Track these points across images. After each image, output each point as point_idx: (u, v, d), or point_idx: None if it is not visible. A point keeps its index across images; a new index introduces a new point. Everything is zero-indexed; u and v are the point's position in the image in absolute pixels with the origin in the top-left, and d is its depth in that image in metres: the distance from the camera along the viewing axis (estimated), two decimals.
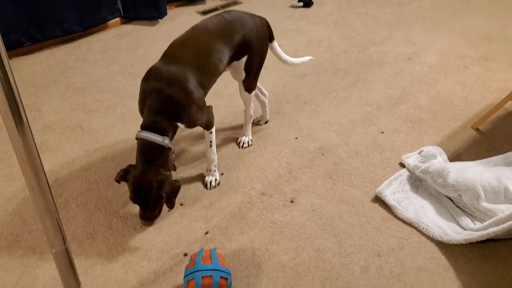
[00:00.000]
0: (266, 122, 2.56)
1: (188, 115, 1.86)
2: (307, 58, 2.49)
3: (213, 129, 2.06)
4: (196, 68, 1.88)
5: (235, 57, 2.07)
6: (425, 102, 2.73)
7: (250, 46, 2.08)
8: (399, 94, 2.81)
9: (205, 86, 1.94)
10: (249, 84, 2.21)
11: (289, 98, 2.78)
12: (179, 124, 1.86)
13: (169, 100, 1.81)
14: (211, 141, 2.09)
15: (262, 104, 2.51)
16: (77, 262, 1.79)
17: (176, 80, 1.82)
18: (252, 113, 2.38)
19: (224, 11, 2.10)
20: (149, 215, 1.86)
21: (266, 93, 2.49)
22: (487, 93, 2.80)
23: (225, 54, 1.99)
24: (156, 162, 1.79)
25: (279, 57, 2.39)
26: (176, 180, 1.84)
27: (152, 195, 1.78)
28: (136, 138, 1.83)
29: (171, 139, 1.85)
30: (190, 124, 1.91)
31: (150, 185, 1.76)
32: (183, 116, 1.85)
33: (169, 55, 1.91)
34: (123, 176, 1.81)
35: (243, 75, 2.16)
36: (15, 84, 1.04)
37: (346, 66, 3.13)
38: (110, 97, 2.80)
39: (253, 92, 2.27)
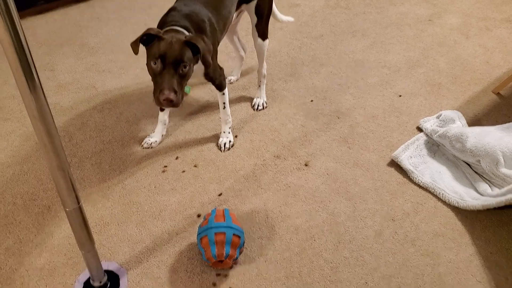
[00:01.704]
0: (236, 79, 2.58)
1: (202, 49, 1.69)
2: (291, 19, 2.52)
3: (226, 91, 2.04)
4: (213, 9, 1.87)
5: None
6: (445, 65, 2.65)
7: None
8: (418, 56, 2.73)
9: (221, 29, 1.92)
10: (262, 29, 2.19)
11: (305, 60, 2.72)
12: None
13: (191, 16, 1.78)
14: (224, 103, 2.07)
15: (240, 59, 2.53)
16: (91, 221, 1.81)
17: (195, 16, 1.81)
18: (266, 73, 2.34)
19: None
20: (175, 86, 1.59)
21: (246, 50, 2.53)
22: (510, 56, 2.70)
23: None
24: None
25: None
26: None
27: (184, 53, 1.59)
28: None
29: None
30: (205, 53, 1.66)
31: (182, 39, 1.61)
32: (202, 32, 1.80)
33: None
34: (145, 35, 1.63)
35: (255, 19, 2.15)
36: (26, 41, 1.01)
37: (364, 27, 3.04)
38: (124, 57, 2.77)
39: (267, 41, 2.23)
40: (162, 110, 2.13)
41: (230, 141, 2.14)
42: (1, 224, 1.81)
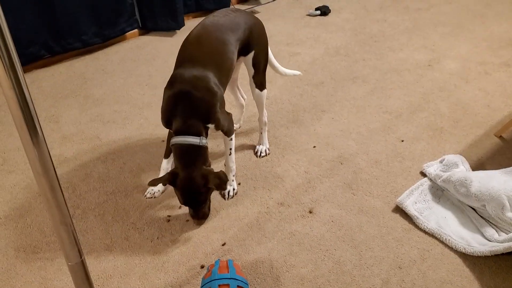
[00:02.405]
0: (239, 127, 2.61)
1: (216, 115, 1.87)
2: (297, 72, 2.54)
3: (233, 137, 2.06)
4: (215, 66, 1.90)
5: (242, 51, 2.10)
6: (446, 110, 2.67)
7: (255, 41, 2.12)
8: (419, 101, 2.76)
9: (224, 82, 1.95)
10: (260, 80, 2.22)
11: (306, 107, 2.75)
12: (209, 125, 1.88)
13: (199, 103, 1.82)
14: (231, 149, 2.09)
15: (240, 107, 2.56)
16: (94, 274, 1.79)
17: (201, 82, 1.84)
18: (267, 120, 2.36)
19: (227, 9, 2.15)
20: (201, 214, 1.94)
21: (246, 97, 2.55)
22: (510, 99, 2.73)
23: (236, 47, 2.03)
24: (197, 162, 1.82)
25: (271, 63, 2.38)
26: (220, 171, 1.86)
27: (202, 192, 1.84)
28: (172, 145, 1.84)
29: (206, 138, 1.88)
30: (218, 124, 1.92)
31: (198, 183, 1.81)
32: (213, 116, 1.86)
33: (188, 58, 1.91)
34: (171, 180, 1.84)
35: (252, 71, 2.18)
36: (30, 96, 1.03)
37: (364, 73, 3.09)
38: (128, 108, 2.81)
39: (265, 91, 2.26)
40: (166, 157, 2.14)
41: (234, 189, 2.14)
42: (3, 278, 1.78)
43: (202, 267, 1.80)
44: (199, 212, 1.92)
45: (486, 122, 2.55)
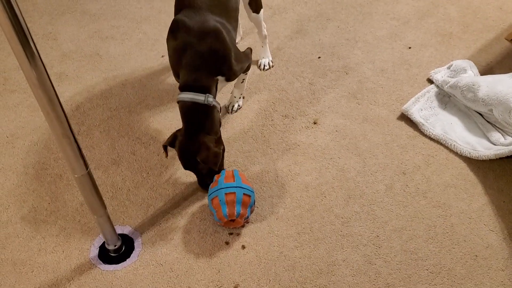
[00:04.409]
0: (240, 39, 2.52)
1: (229, 65, 1.72)
2: None
3: (249, 71, 1.98)
4: (219, 10, 1.74)
5: None
6: (456, 14, 2.56)
7: None
8: (428, 6, 2.64)
9: (234, 25, 1.81)
10: (255, 3, 2.08)
11: (311, 16, 2.65)
12: (219, 77, 1.73)
13: (207, 53, 1.66)
14: (244, 79, 2.02)
15: None
16: (103, 187, 1.83)
17: (207, 30, 1.67)
18: (267, 33, 2.28)
19: None
20: (204, 181, 1.75)
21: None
22: None
23: None
24: (200, 124, 1.65)
25: None
26: (220, 144, 1.72)
27: (198, 162, 1.65)
28: (177, 101, 1.70)
29: (214, 96, 1.70)
30: (230, 76, 1.77)
31: (193, 151, 1.64)
32: (224, 68, 1.71)
33: (188, 3, 1.73)
34: (171, 142, 1.69)
35: None
36: (20, 12, 0.98)
37: None
38: (126, 22, 2.72)
39: (262, 11, 2.13)
40: None
41: (238, 105, 2.11)
42: (15, 194, 1.83)
43: None
44: (202, 179, 1.75)
45: (497, 25, 2.45)
